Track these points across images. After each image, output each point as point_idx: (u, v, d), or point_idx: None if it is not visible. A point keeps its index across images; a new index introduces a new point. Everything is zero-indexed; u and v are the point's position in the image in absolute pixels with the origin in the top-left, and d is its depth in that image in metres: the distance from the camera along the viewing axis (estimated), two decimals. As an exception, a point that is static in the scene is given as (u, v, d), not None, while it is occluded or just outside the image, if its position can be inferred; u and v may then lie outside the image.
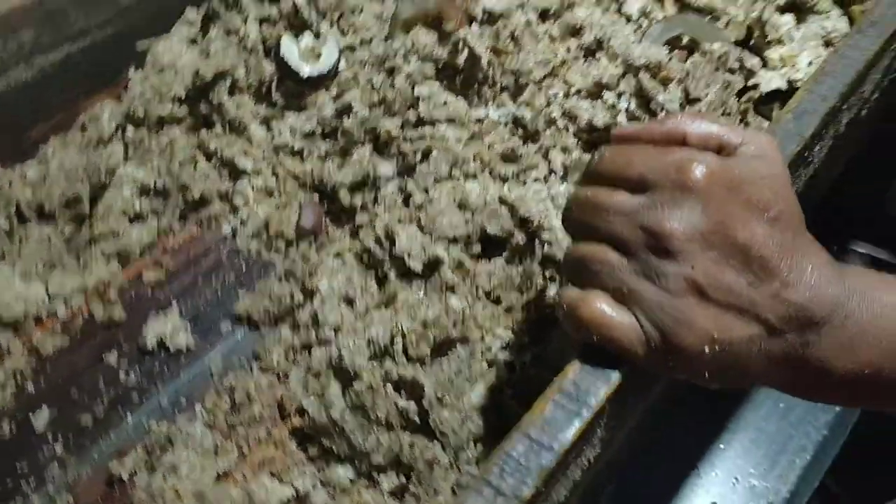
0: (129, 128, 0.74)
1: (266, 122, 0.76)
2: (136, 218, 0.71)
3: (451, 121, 0.70)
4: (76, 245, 0.69)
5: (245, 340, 0.66)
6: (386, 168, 0.69)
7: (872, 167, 1.08)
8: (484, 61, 0.70)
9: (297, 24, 0.79)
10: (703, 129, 0.46)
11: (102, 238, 0.69)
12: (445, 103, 0.70)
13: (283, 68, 0.76)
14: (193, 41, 0.80)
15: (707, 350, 0.42)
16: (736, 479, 0.82)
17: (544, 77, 0.70)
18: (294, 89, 0.77)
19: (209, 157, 0.75)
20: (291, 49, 0.77)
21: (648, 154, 0.45)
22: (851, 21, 0.72)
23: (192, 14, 0.82)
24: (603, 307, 0.43)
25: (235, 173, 0.74)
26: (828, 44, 0.69)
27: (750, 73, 0.66)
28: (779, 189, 0.44)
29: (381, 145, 0.71)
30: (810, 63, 0.66)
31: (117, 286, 0.68)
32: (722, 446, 0.84)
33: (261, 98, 0.77)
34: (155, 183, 0.72)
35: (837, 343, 0.43)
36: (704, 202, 0.42)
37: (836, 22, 0.71)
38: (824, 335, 0.43)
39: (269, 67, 0.77)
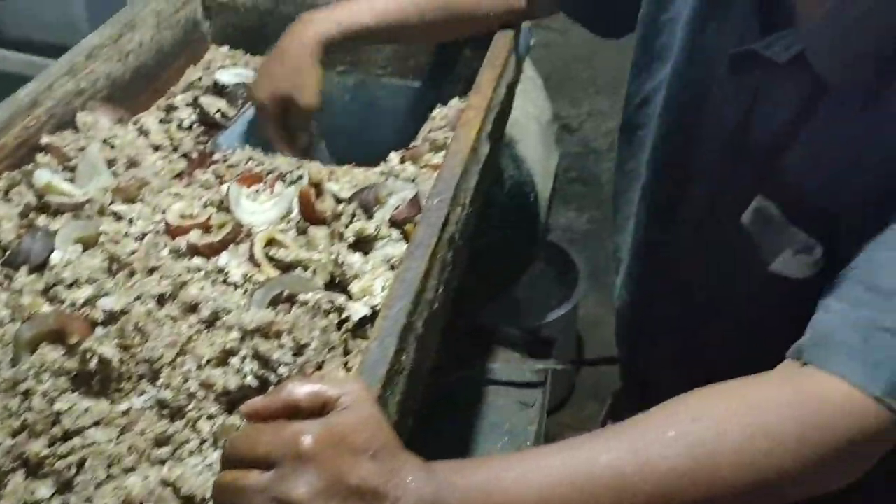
0: None
1: None
2: None
3: (97, 424, 0.75)
4: None
5: None
6: (44, 490, 0.72)
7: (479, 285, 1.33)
8: (115, 361, 0.77)
9: (-89, 373, 0.78)
10: (309, 392, 0.59)
11: None
12: (87, 410, 0.75)
13: None
14: None
15: (352, 579, 0.53)
16: None
17: (176, 356, 0.79)
18: (-78, 439, 0.76)
19: None
20: None
21: (269, 433, 0.57)
22: (408, 239, 0.93)
23: None
24: (258, 577, 0.53)
25: None
26: (392, 267, 0.88)
27: (341, 309, 0.82)
28: (372, 428, 0.58)
29: (34, 468, 0.73)
30: (383, 288, 0.85)
31: None
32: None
33: None
34: None
35: (445, 526, 0.57)
36: (317, 464, 0.54)
37: (395, 246, 0.91)
38: (435, 524, 0.56)
39: None
